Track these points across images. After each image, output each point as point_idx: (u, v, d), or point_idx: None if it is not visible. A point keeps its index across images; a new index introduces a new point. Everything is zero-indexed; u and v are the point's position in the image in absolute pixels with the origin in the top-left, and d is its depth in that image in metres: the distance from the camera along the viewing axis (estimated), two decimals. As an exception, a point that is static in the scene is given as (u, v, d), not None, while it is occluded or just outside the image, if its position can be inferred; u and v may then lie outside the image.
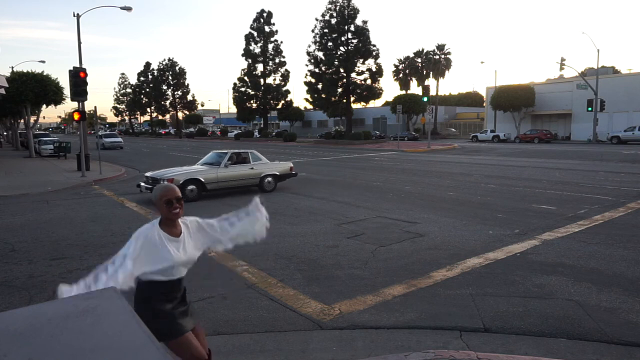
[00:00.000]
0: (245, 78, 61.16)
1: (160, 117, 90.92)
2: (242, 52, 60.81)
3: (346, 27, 47.71)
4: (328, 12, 48.31)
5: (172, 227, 2.66)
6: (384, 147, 36.99)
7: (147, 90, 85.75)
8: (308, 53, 50.08)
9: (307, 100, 52.34)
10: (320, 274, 5.86)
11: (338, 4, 47.71)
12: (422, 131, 57.24)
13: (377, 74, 48.63)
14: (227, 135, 70.24)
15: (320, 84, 49.37)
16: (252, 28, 60.73)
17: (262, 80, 61.13)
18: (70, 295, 2.07)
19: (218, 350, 3.62)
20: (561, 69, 40.22)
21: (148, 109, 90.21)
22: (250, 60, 60.76)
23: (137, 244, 2.51)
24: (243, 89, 61.67)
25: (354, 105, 51.25)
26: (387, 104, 65.99)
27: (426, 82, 61.40)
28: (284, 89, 62.14)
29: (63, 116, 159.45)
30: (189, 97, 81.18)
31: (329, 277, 5.73)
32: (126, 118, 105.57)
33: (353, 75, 48.44)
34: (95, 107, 25.09)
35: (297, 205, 10.72)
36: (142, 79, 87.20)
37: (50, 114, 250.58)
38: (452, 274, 5.71)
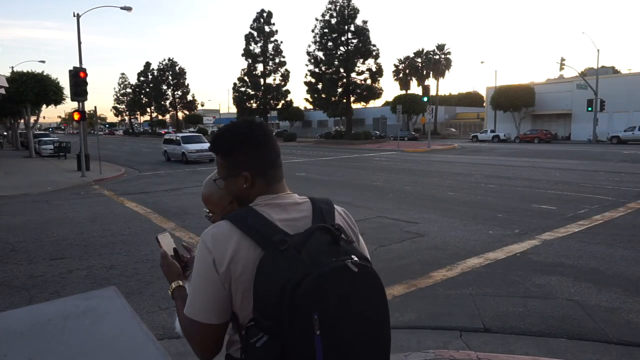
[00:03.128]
0: (245, 78, 61.13)
1: (160, 117, 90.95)
2: (242, 52, 60.78)
3: (346, 27, 47.68)
4: (328, 12, 48.27)
5: None
6: (384, 147, 36.98)
7: (147, 90, 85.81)
8: (308, 53, 50.07)
9: (307, 100, 52.33)
10: (320, 274, 5.84)
11: (338, 4, 47.69)
12: (422, 131, 57.22)
13: (377, 74, 48.61)
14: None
15: (320, 84, 49.34)
16: (252, 28, 60.70)
17: (262, 80, 61.10)
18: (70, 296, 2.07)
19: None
20: (561, 69, 40.32)
21: (148, 109, 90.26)
22: (250, 60, 60.73)
23: None
24: (243, 89, 61.64)
25: (354, 105, 51.23)
26: (387, 104, 65.97)
27: (426, 82, 61.50)
28: (284, 89, 62.11)
29: (63, 116, 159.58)
30: (189, 97, 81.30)
31: (329, 277, 5.71)
32: (126, 118, 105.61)
33: (353, 75, 48.42)
34: (95, 107, 25.11)
35: (297, 205, 10.71)
36: (142, 79, 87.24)
37: (50, 114, 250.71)
38: (452, 274, 5.71)
